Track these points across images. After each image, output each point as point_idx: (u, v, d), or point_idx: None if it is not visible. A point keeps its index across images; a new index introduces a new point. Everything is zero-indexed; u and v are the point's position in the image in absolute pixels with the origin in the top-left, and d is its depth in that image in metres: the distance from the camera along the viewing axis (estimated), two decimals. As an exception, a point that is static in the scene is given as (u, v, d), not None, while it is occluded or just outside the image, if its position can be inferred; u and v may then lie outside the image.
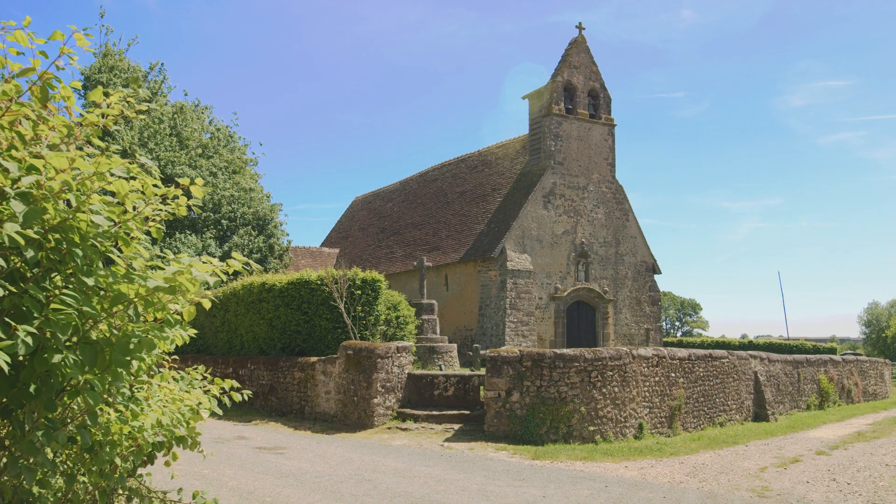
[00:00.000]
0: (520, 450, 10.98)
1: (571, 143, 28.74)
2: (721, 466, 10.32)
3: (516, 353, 12.03)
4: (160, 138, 29.01)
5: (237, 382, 4.23)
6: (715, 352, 15.69)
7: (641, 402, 13.00)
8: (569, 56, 29.45)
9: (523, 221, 27.23)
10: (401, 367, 13.13)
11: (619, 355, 12.54)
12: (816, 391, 20.53)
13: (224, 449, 10.28)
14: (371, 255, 35.80)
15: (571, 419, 11.87)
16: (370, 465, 9.42)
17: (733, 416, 15.93)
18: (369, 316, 14.74)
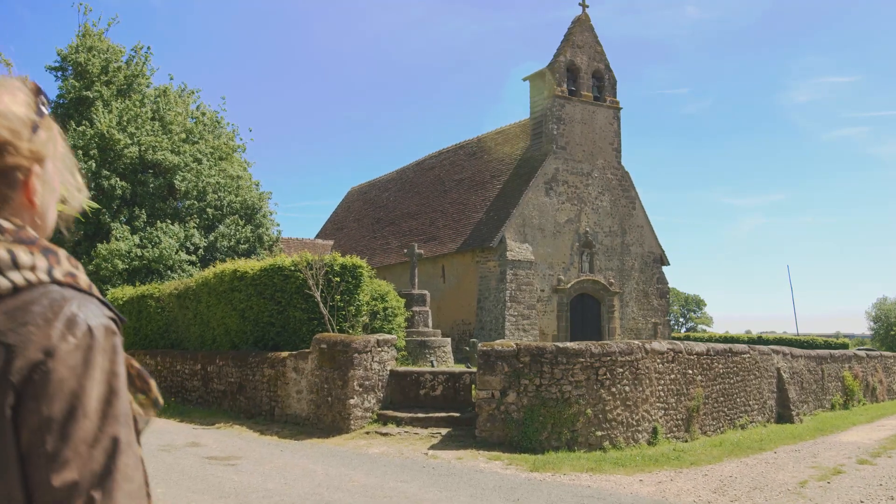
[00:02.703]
0: (516, 459, 9.43)
1: (575, 126, 27.13)
2: (753, 480, 8.76)
3: (512, 347, 10.47)
4: (141, 122, 27.45)
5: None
6: (735, 346, 14.13)
7: (655, 403, 11.44)
8: (572, 35, 27.82)
9: (524, 209, 25.64)
10: (382, 363, 11.58)
11: (630, 350, 10.97)
12: (841, 389, 18.96)
13: (167, 459, 8.75)
14: (366, 246, 34.25)
15: (576, 423, 10.32)
16: (335, 480, 7.88)
17: (755, 417, 14.37)
18: (349, 306, 13.19)
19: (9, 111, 1.06)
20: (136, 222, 26.40)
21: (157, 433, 11.02)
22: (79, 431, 0.96)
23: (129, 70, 29.66)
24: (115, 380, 1.01)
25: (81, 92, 28.34)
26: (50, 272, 1.03)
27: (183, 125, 29.21)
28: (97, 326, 1.01)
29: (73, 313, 1.00)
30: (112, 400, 1.00)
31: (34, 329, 0.97)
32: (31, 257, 1.03)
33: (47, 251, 1.05)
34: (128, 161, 26.69)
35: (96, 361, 0.99)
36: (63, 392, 0.96)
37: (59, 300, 1.01)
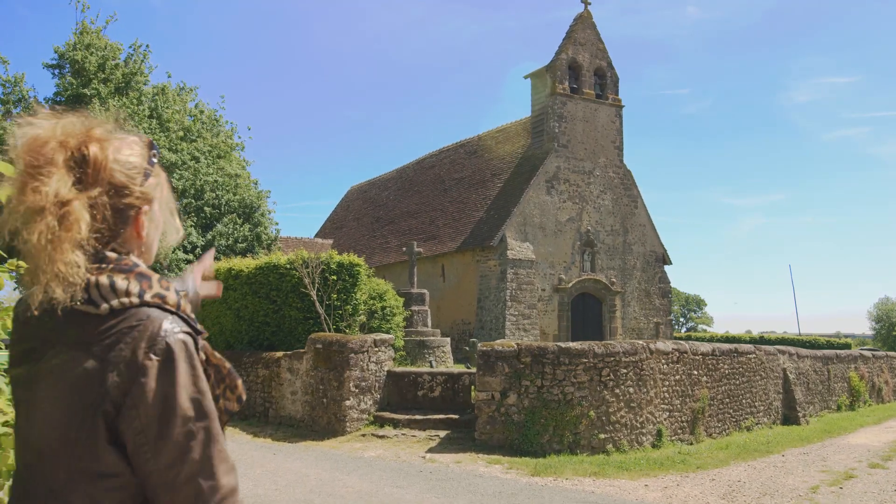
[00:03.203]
0: (516, 463, 9.13)
1: (576, 124, 26.82)
2: (762, 485, 8.46)
3: (513, 348, 10.16)
4: (138, 119, 27.17)
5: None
6: (741, 346, 13.82)
7: (660, 405, 11.14)
8: (574, 32, 27.50)
9: (525, 208, 25.33)
10: (379, 363, 11.28)
11: (634, 350, 10.67)
12: (847, 390, 18.64)
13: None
14: (365, 245, 33.95)
15: (579, 425, 10.01)
16: (328, 485, 7.58)
17: (761, 418, 14.06)
18: (346, 305, 12.89)
19: (127, 161, 1.31)
20: (133, 221, 26.16)
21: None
22: (175, 429, 1.17)
23: (126, 68, 29.40)
24: (198, 382, 1.22)
25: (79, 90, 28.07)
26: (141, 296, 1.24)
27: (181, 123, 28.95)
28: (175, 342, 1.22)
29: (154, 333, 1.21)
30: (200, 399, 1.21)
31: (124, 347, 1.18)
32: (126, 283, 1.24)
33: (141, 277, 1.27)
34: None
35: (178, 371, 1.20)
36: (156, 400, 1.17)
37: (145, 320, 1.22)
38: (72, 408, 1.19)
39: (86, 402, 1.18)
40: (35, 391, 1.23)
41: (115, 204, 1.29)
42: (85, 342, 1.19)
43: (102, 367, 1.18)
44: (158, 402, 1.18)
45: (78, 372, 1.19)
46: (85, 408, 1.18)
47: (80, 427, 1.18)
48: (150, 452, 1.19)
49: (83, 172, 1.26)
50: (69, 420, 1.19)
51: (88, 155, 1.27)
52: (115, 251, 1.29)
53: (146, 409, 1.18)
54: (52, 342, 1.23)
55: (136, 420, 1.18)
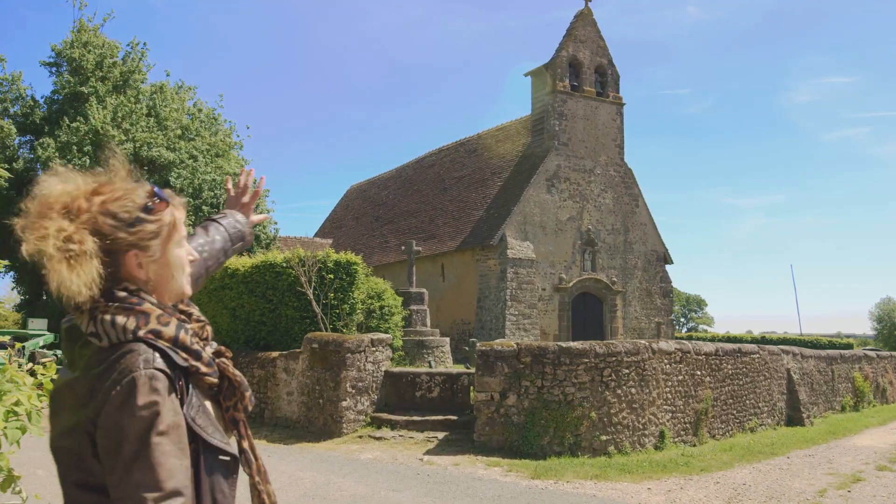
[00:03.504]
0: (516, 465, 8.92)
1: (577, 122, 26.61)
2: (768, 488, 8.25)
3: (513, 347, 9.96)
4: (136, 118, 26.97)
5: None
6: (744, 346, 13.60)
7: (663, 406, 10.93)
8: (574, 29, 27.29)
9: (525, 206, 25.12)
10: (376, 363, 11.07)
11: (636, 349, 10.46)
12: (851, 390, 18.42)
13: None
14: (364, 244, 33.75)
15: (580, 427, 9.80)
16: (323, 488, 7.38)
17: (765, 419, 13.85)
18: (343, 304, 12.69)
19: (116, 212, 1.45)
20: (130, 220, 25.95)
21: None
22: (124, 453, 1.31)
23: (124, 66, 29.20)
24: (150, 419, 1.33)
25: (76, 88, 27.86)
26: (135, 332, 1.39)
27: (179, 122, 28.73)
28: (139, 377, 1.34)
29: (126, 367, 1.35)
30: (145, 436, 1.31)
31: (105, 377, 1.35)
32: (125, 320, 1.40)
33: (140, 314, 1.42)
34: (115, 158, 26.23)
35: (134, 403, 1.31)
36: (112, 425, 1.32)
37: (129, 354, 1.37)
38: (71, 422, 1.40)
39: (80, 419, 1.38)
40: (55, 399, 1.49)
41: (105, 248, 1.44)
42: (87, 368, 1.41)
43: (91, 391, 1.37)
44: (112, 427, 1.34)
45: (78, 392, 1.40)
46: (78, 424, 1.38)
47: (78, 440, 1.39)
48: (108, 468, 1.35)
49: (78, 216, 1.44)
50: (69, 432, 1.40)
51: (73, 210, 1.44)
52: (127, 290, 1.47)
53: (107, 432, 1.34)
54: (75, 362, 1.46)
55: (102, 439, 1.35)
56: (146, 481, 1.32)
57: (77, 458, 1.40)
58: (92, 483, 1.40)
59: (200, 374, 1.51)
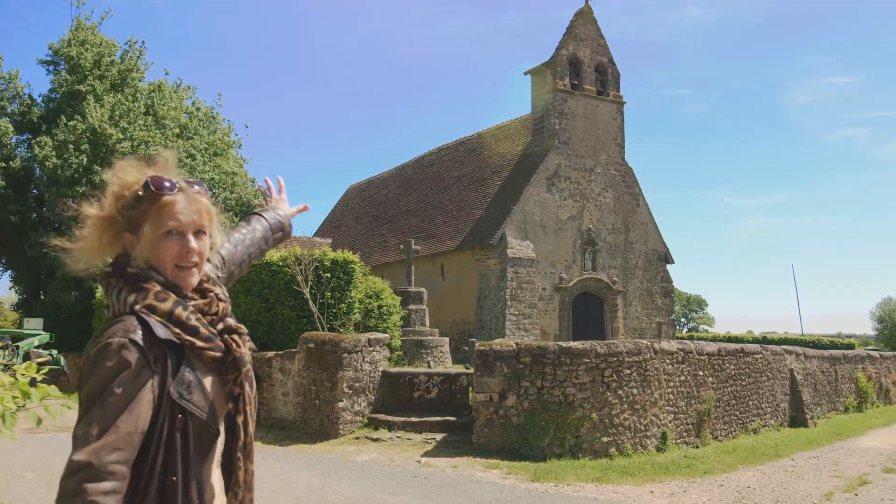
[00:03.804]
0: (516, 468, 8.74)
1: (577, 121, 26.42)
2: (773, 492, 8.07)
3: (512, 347, 9.78)
4: (133, 116, 26.77)
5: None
6: (747, 346, 13.42)
7: (665, 407, 10.74)
8: (574, 28, 27.10)
9: (525, 206, 24.94)
10: (374, 363, 10.89)
11: (638, 349, 10.27)
12: (854, 391, 18.24)
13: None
14: (364, 244, 33.57)
15: (580, 428, 9.62)
16: (317, 491, 7.20)
17: (768, 420, 13.67)
18: (341, 303, 12.52)
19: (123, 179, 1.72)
20: (128, 219, 25.75)
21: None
22: (82, 406, 1.52)
23: (122, 65, 29.02)
24: (107, 378, 1.51)
25: (74, 86, 27.69)
26: (132, 306, 1.59)
27: (177, 120, 28.54)
28: (112, 342, 1.53)
29: (107, 333, 1.55)
30: (99, 392, 1.50)
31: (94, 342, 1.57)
32: (127, 295, 1.60)
33: (140, 290, 1.61)
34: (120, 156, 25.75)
35: (98, 364, 1.52)
36: (82, 381, 1.54)
37: (115, 324, 1.57)
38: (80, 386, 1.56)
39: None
40: None
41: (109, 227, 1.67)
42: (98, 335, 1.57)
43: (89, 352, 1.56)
44: (82, 383, 1.54)
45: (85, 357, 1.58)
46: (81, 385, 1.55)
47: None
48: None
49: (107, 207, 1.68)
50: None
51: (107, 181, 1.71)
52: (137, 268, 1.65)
53: (80, 387, 1.54)
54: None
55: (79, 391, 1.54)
56: (84, 432, 1.47)
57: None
58: None
59: (196, 348, 1.61)
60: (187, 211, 1.68)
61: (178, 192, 1.68)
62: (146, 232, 1.64)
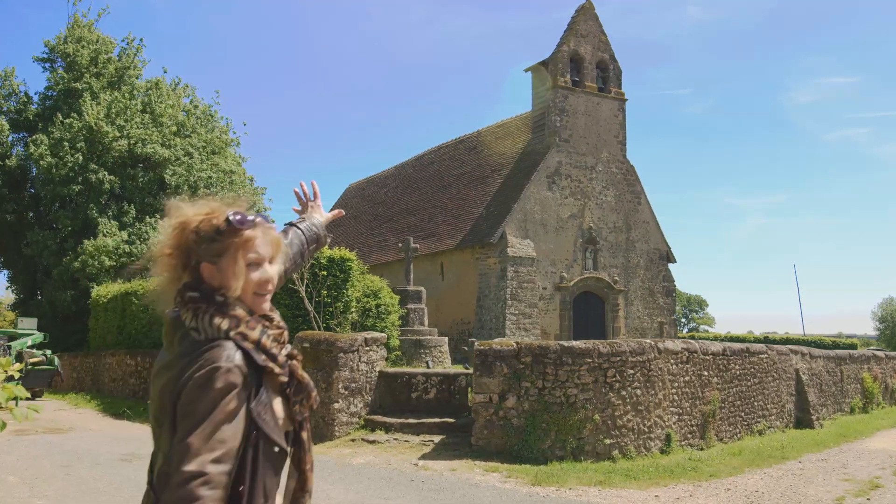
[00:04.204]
0: (516, 471, 8.48)
1: (578, 118, 26.15)
2: (782, 496, 7.80)
3: (512, 347, 9.51)
4: (130, 114, 26.53)
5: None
6: (752, 346, 13.15)
7: (669, 408, 10.47)
8: (575, 24, 26.83)
9: (525, 204, 24.66)
10: (370, 363, 10.63)
11: (641, 349, 10.01)
12: (860, 391, 17.97)
13: (126, 471, 7.80)
14: (363, 243, 33.31)
15: (583, 430, 9.35)
16: (310, 496, 6.93)
17: (773, 422, 13.40)
18: (337, 302, 12.25)
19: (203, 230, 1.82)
20: (124, 218, 25.48)
21: (124, 440, 10.09)
22: (188, 422, 1.63)
23: (119, 62, 28.78)
24: (219, 400, 1.65)
25: (70, 84, 27.46)
26: (227, 332, 1.73)
27: (174, 118, 28.29)
28: (217, 367, 1.67)
29: (209, 359, 1.68)
30: (211, 411, 1.64)
31: (194, 363, 1.68)
32: (220, 321, 1.74)
33: (232, 318, 1.76)
34: (116, 154, 25.77)
35: (210, 386, 1.65)
36: (188, 400, 1.65)
37: (216, 349, 1.70)
38: (164, 400, 1.69)
39: (170, 396, 1.68)
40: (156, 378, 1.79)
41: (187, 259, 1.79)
42: (183, 354, 1.70)
43: (182, 372, 1.67)
44: (189, 401, 1.64)
45: (172, 371, 1.69)
46: (168, 401, 1.68)
47: (167, 413, 1.68)
48: (179, 431, 1.63)
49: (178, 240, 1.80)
50: (163, 406, 1.70)
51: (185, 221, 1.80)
52: (224, 296, 1.77)
53: (184, 405, 1.64)
54: (173, 346, 1.77)
55: (180, 409, 1.65)
56: (194, 443, 1.60)
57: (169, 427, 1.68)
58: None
59: (274, 373, 1.77)
60: (264, 244, 1.85)
61: (256, 227, 1.84)
62: (230, 263, 1.80)
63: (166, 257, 1.81)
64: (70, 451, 8.90)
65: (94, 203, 25.15)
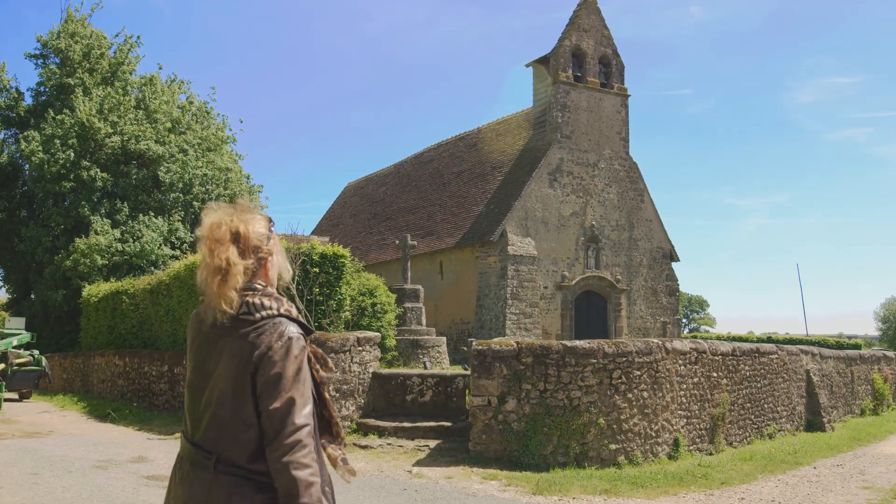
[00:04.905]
0: (516, 478, 7.97)
1: (580, 114, 25.65)
2: (801, 506, 7.30)
3: (512, 347, 9.00)
4: (123, 110, 26.00)
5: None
6: (762, 346, 12.65)
7: (677, 411, 9.97)
8: (577, 18, 26.33)
9: (526, 202, 24.16)
10: (363, 364, 10.13)
11: (648, 349, 9.50)
12: (871, 393, 17.46)
13: (98, 480, 7.30)
14: (361, 242, 32.84)
15: (587, 435, 8.85)
16: (293, 508, 6.43)
17: (784, 425, 12.89)
18: (330, 300, 11.75)
19: (258, 232, 2.19)
20: (117, 216, 24.96)
21: (104, 444, 9.59)
22: (279, 385, 1.99)
23: (113, 58, 28.28)
24: (300, 362, 2.04)
25: (62, 79, 26.96)
26: (278, 310, 2.10)
27: (169, 115, 27.76)
28: (293, 336, 2.05)
29: (282, 331, 2.05)
30: (298, 372, 2.02)
31: (265, 337, 2.03)
32: (270, 302, 2.11)
33: (277, 299, 2.14)
34: (109, 151, 25.26)
35: (291, 353, 2.02)
36: (276, 366, 2.00)
37: (278, 323, 2.07)
38: (239, 372, 2.03)
39: (245, 368, 2.02)
40: (211, 362, 2.11)
41: (255, 258, 2.18)
42: (245, 335, 2.05)
43: (252, 347, 2.02)
44: (276, 369, 2.00)
45: (242, 351, 2.03)
46: (244, 371, 2.02)
47: (243, 382, 2.02)
48: (266, 397, 2.00)
49: (241, 245, 2.16)
50: (237, 379, 2.03)
51: (241, 233, 2.17)
52: (263, 285, 2.18)
53: (269, 370, 2.00)
54: (222, 335, 2.09)
55: (263, 375, 2.00)
56: (297, 399, 1.99)
57: (243, 397, 2.03)
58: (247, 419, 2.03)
59: (308, 339, 2.17)
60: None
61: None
62: (277, 259, 2.24)
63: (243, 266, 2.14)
64: (44, 457, 8.41)
65: (86, 201, 24.64)
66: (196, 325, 2.21)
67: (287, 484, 1.93)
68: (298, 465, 1.93)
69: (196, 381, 2.14)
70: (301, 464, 1.93)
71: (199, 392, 2.11)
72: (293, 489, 1.91)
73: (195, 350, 2.19)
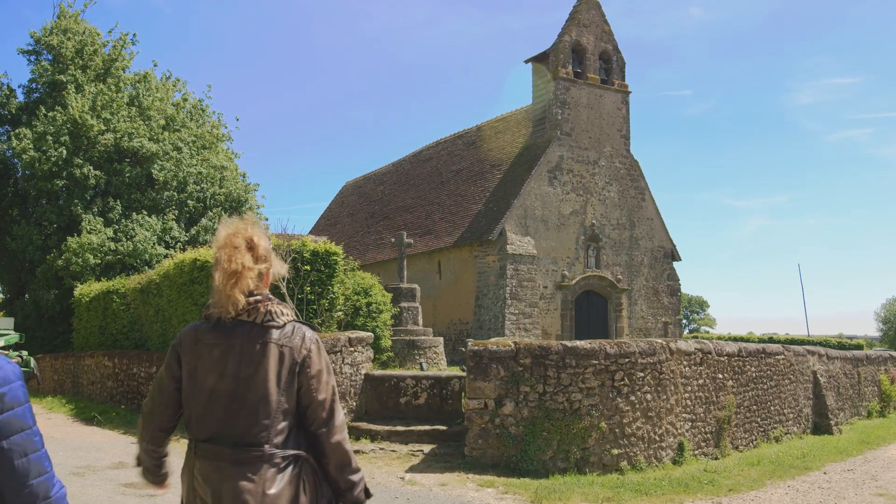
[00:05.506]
0: (513, 485, 7.58)
1: (580, 111, 25.26)
2: (814, 515, 6.91)
3: (510, 347, 8.62)
4: (116, 107, 25.61)
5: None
6: (768, 346, 12.27)
7: (681, 414, 9.59)
8: (577, 13, 25.95)
9: (526, 200, 23.78)
10: (355, 365, 9.74)
11: (652, 350, 9.12)
12: (878, 394, 17.08)
13: (73, 487, 6.91)
14: (359, 241, 32.47)
15: (588, 439, 8.47)
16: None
17: (790, 427, 12.51)
18: (322, 299, 11.37)
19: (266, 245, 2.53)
20: (110, 214, 24.56)
21: (84, 449, 9.21)
22: (322, 378, 2.44)
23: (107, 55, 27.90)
24: (327, 357, 2.51)
25: (55, 76, 26.57)
26: (290, 315, 2.49)
27: (163, 112, 27.37)
28: (315, 337, 2.49)
29: (305, 333, 2.47)
30: (329, 367, 2.50)
31: (297, 340, 2.42)
32: (286, 309, 2.49)
33: (286, 306, 2.51)
34: (102, 149, 24.86)
35: (322, 352, 2.48)
36: (317, 364, 2.44)
37: (299, 328, 2.47)
38: (280, 371, 2.36)
39: (288, 368, 2.38)
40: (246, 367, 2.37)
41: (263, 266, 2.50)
42: (279, 340, 2.39)
43: (290, 350, 2.39)
44: (318, 365, 2.43)
45: (279, 354, 2.38)
46: (289, 371, 2.38)
47: (289, 381, 2.38)
48: (314, 390, 2.41)
49: (254, 253, 2.47)
50: (278, 377, 2.36)
51: (255, 242, 2.49)
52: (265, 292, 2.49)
53: (313, 368, 2.42)
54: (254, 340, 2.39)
55: (308, 372, 2.40)
56: (336, 389, 2.47)
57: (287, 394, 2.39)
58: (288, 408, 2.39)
59: None
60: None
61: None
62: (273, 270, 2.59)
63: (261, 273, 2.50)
64: (19, 463, 8.02)
65: (78, 199, 24.25)
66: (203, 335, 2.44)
67: (341, 457, 2.44)
68: (346, 440, 2.48)
69: (231, 387, 2.36)
70: (347, 439, 2.48)
71: (235, 396, 2.35)
72: (345, 460, 2.45)
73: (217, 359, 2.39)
